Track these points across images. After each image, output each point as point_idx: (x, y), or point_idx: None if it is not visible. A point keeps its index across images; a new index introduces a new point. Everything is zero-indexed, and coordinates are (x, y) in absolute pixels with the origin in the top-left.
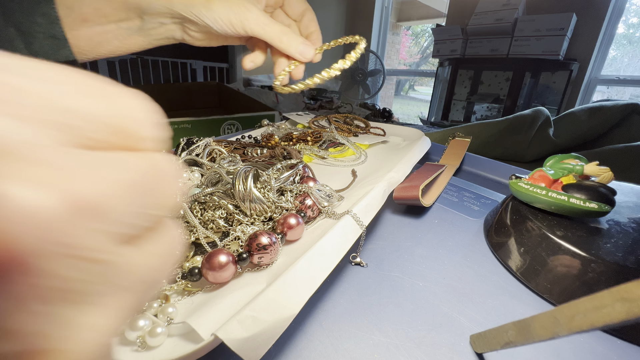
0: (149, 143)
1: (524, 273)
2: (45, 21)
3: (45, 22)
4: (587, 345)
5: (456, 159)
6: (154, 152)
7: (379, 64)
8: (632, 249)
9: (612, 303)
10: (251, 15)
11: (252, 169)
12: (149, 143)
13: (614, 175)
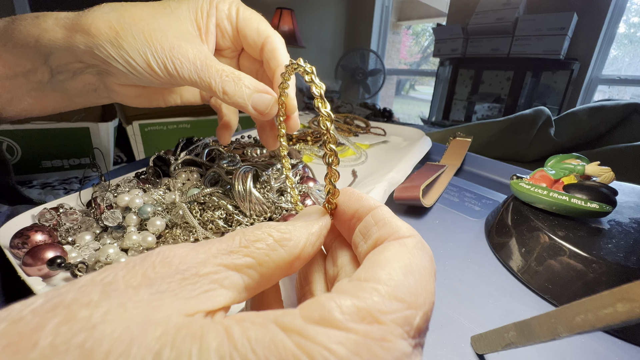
0: None
1: (525, 274)
2: None
3: None
4: (589, 346)
5: (457, 159)
6: None
7: (380, 64)
8: (634, 250)
9: (614, 303)
10: (179, 54)
11: (251, 169)
12: None
13: (615, 176)
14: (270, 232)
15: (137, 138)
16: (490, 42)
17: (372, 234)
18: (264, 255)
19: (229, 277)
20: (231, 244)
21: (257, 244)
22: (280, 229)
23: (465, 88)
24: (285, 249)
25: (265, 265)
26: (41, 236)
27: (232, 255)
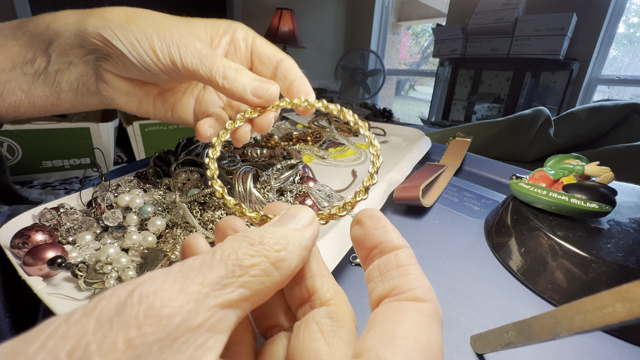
0: None
1: (525, 273)
2: None
3: None
4: (588, 345)
5: (457, 159)
6: None
7: (379, 64)
8: (633, 249)
9: (613, 303)
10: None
11: (252, 169)
12: None
13: (614, 176)
14: (266, 254)
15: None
16: (490, 42)
17: (390, 278)
18: (259, 283)
19: (223, 318)
20: (223, 273)
21: (252, 271)
22: (275, 247)
23: (464, 88)
24: (280, 271)
25: (258, 294)
26: (42, 236)
27: (226, 289)
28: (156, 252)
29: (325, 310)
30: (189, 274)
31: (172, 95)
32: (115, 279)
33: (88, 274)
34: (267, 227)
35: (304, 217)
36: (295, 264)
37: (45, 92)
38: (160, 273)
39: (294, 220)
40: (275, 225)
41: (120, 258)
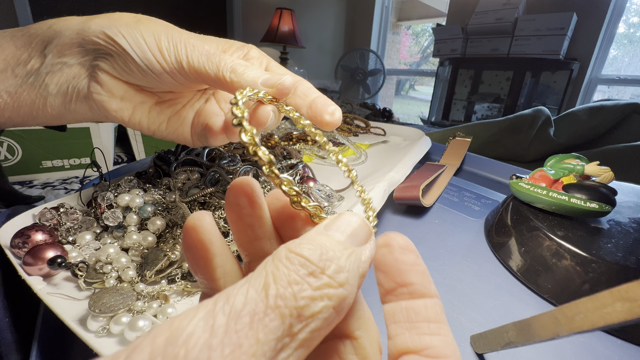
0: None
1: (525, 273)
2: None
3: None
4: (588, 345)
5: (457, 158)
6: None
7: (379, 64)
8: (633, 249)
9: (613, 303)
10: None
11: (252, 169)
12: None
13: (614, 175)
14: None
15: (137, 138)
16: (490, 42)
17: (421, 333)
18: (319, 337)
19: None
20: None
21: (313, 323)
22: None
23: (464, 88)
24: (340, 314)
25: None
26: (42, 236)
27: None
28: (156, 252)
29: (351, 345)
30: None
31: (170, 106)
32: (115, 279)
33: (88, 273)
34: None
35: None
36: (354, 297)
37: (31, 95)
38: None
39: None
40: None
41: (120, 258)
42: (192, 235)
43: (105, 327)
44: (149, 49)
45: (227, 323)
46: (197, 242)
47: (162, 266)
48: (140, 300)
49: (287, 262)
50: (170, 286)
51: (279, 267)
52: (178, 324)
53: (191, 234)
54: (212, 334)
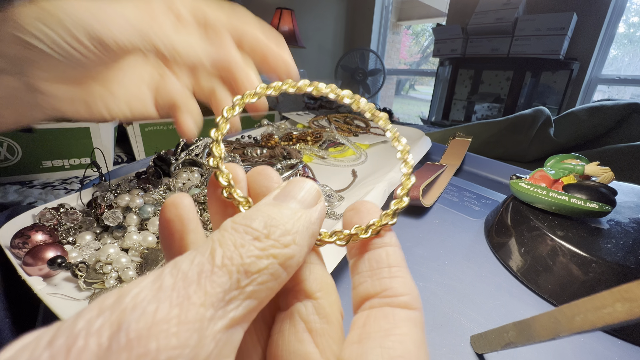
0: None
1: (525, 273)
2: None
3: None
4: (588, 345)
5: (457, 159)
6: None
7: (379, 64)
8: (633, 249)
9: (613, 303)
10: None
11: (250, 169)
12: None
13: (614, 175)
14: (274, 252)
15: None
16: (490, 42)
17: (381, 277)
18: (267, 290)
19: (229, 339)
20: (227, 286)
21: (260, 277)
22: (282, 240)
23: (465, 88)
24: (288, 270)
25: (265, 301)
26: (42, 236)
27: (230, 305)
28: (156, 252)
29: (311, 305)
30: (187, 289)
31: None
32: (115, 279)
33: (88, 274)
34: (267, 208)
35: (309, 193)
36: (303, 257)
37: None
38: (149, 290)
39: (297, 197)
40: (275, 206)
41: (120, 258)
42: (171, 210)
43: None
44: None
45: (175, 282)
46: (175, 217)
47: (162, 266)
48: None
49: (232, 231)
50: None
51: (224, 235)
52: (127, 288)
53: (170, 209)
54: (160, 290)
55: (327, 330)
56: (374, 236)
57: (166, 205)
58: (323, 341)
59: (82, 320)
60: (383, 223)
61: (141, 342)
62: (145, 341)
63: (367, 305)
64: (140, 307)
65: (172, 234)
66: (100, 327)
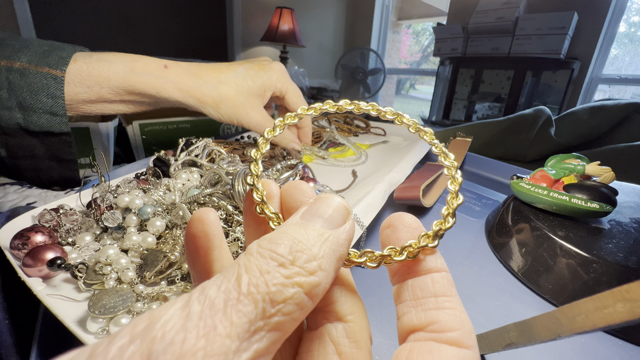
0: None
1: (526, 274)
2: (49, 99)
3: (48, 100)
4: (589, 346)
5: (457, 159)
6: None
7: (380, 63)
8: (634, 249)
9: (614, 304)
10: (249, 118)
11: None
12: None
13: (615, 175)
14: (299, 281)
15: (137, 138)
16: (491, 41)
17: (427, 308)
18: (292, 321)
19: None
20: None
21: (285, 308)
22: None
23: (465, 87)
24: (315, 299)
25: (290, 331)
26: (41, 237)
27: (255, 336)
28: (156, 253)
29: (342, 328)
30: (214, 319)
31: None
32: (114, 280)
33: (88, 275)
34: (294, 229)
35: (337, 212)
36: (330, 283)
37: (122, 109)
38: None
39: (324, 216)
40: (302, 227)
41: (120, 259)
42: (197, 225)
43: (105, 328)
44: (223, 119)
45: (202, 310)
46: (201, 232)
47: (162, 267)
48: (140, 302)
49: (258, 256)
50: (170, 287)
51: (250, 260)
52: (157, 314)
53: (196, 224)
54: (188, 319)
55: (357, 355)
56: (412, 259)
57: (192, 220)
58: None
59: (115, 346)
60: (421, 245)
61: None
62: None
63: (412, 339)
64: (168, 337)
65: (197, 249)
66: (131, 356)
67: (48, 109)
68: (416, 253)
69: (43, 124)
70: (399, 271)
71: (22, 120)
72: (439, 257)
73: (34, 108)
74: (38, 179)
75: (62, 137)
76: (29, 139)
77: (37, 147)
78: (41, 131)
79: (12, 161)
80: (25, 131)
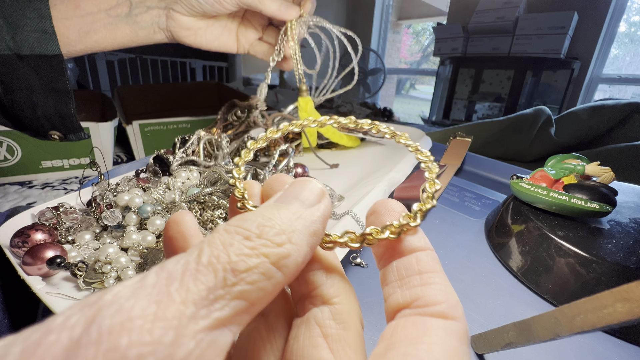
0: None
1: (525, 273)
2: (36, 15)
3: (35, 17)
4: (588, 346)
5: (457, 158)
6: None
7: (380, 63)
8: (633, 249)
9: (613, 303)
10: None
11: (250, 168)
12: None
13: (615, 176)
14: (265, 251)
15: (137, 138)
16: (491, 41)
17: (412, 286)
18: (259, 291)
19: (214, 341)
20: (212, 284)
21: (249, 276)
22: (276, 239)
23: (465, 87)
24: (284, 270)
25: (259, 303)
26: (41, 235)
27: (216, 304)
28: (155, 252)
29: (328, 310)
30: (169, 287)
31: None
32: (114, 279)
33: (87, 273)
34: (266, 209)
35: (311, 192)
36: (303, 257)
37: (126, 30)
38: (131, 288)
39: (299, 198)
40: (275, 207)
41: (120, 258)
42: (173, 227)
43: None
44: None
45: (158, 280)
46: (177, 234)
47: None
48: None
49: (223, 232)
50: None
51: (214, 236)
52: (112, 287)
53: (172, 226)
54: (141, 288)
55: (344, 337)
56: (394, 238)
57: (168, 223)
58: (339, 347)
59: (62, 316)
60: (403, 223)
61: (112, 336)
62: (116, 336)
63: (399, 316)
64: (117, 303)
65: (175, 250)
66: (75, 322)
67: (36, 25)
68: (399, 232)
69: (33, 44)
70: (384, 255)
71: (12, 43)
72: (422, 237)
73: (21, 25)
74: (35, 117)
75: (55, 63)
76: (23, 68)
77: (32, 77)
78: (33, 54)
79: (8, 97)
80: (17, 57)
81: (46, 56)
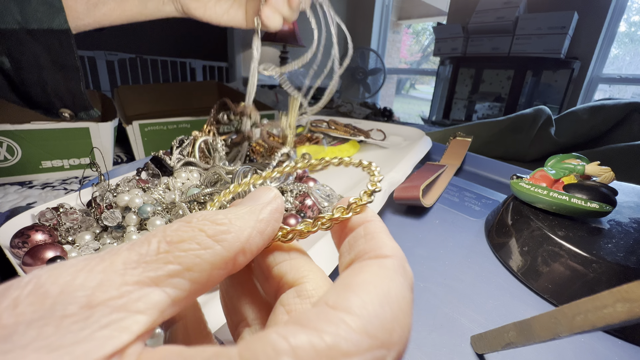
0: None
1: (525, 273)
2: None
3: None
4: (588, 345)
5: (457, 158)
6: None
7: (380, 63)
8: (633, 249)
9: (613, 303)
10: None
11: (251, 169)
12: None
13: (615, 175)
14: (201, 227)
15: (137, 138)
16: (491, 41)
17: (357, 247)
18: (194, 257)
19: (144, 296)
20: (145, 252)
21: (183, 246)
22: (216, 220)
23: (465, 87)
24: (224, 244)
25: (196, 269)
26: (41, 236)
27: (147, 266)
28: None
29: (293, 290)
30: (104, 258)
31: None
32: None
33: None
34: (223, 210)
35: (265, 195)
36: (247, 235)
37: (135, 1)
38: (70, 261)
39: (253, 199)
40: (233, 207)
41: None
42: None
43: None
44: None
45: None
46: None
47: None
48: None
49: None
50: None
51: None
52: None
53: None
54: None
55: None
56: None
57: None
58: None
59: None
60: (363, 203)
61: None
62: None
63: None
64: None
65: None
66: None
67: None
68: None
69: (41, 17)
70: (340, 238)
71: (20, 17)
72: (369, 211)
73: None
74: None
75: (64, 39)
76: (31, 44)
77: (41, 53)
78: (41, 29)
79: (18, 74)
80: (26, 33)
81: (55, 31)
